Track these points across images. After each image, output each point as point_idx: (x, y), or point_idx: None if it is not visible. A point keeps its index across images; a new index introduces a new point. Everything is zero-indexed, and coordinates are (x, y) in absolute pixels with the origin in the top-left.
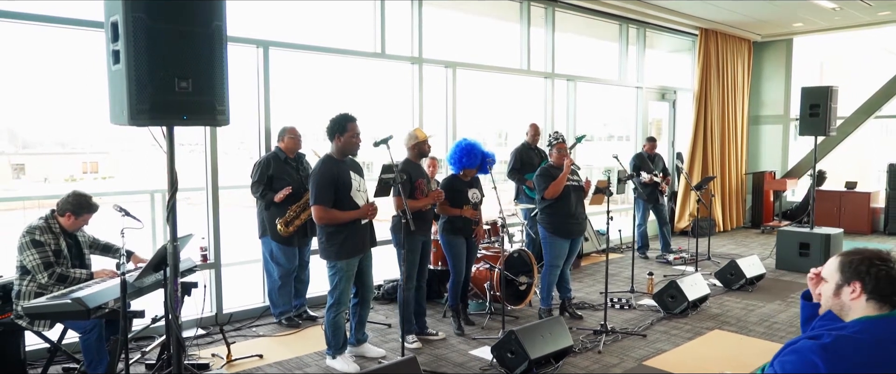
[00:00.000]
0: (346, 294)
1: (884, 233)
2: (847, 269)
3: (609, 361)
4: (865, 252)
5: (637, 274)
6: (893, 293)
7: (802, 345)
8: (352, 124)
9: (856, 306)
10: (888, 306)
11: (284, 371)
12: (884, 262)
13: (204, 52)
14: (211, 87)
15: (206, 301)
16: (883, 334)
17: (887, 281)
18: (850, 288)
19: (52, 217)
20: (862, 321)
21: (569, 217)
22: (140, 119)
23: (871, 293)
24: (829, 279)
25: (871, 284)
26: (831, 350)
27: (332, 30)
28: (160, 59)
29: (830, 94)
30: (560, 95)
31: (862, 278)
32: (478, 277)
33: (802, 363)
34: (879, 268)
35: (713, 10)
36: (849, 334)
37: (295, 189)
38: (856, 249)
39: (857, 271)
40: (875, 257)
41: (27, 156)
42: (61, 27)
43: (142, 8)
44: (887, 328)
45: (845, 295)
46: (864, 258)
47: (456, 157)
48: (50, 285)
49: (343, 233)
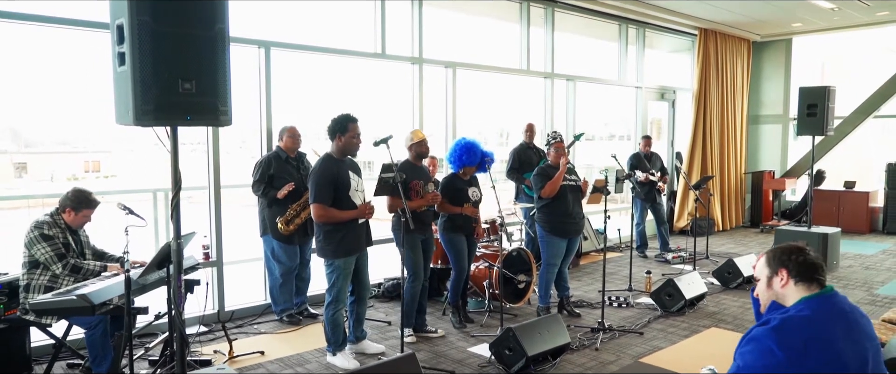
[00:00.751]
0: (344, 292)
1: (882, 232)
2: (772, 261)
3: (606, 358)
4: (783, 245)
5: (635, 273)
6: (816, 273)
7: (757, 333)
8: (353, 125)
9: (788, 291)
10: (816, 285)
11: (285, 367)
12: (800, 251)
13: (207, 54)
14: (214, 88)
15: (208, 299)
16: (823, 308)
17: (806, 264)
18: (779, 277)
19: (57, 214)
20: (800, 301)
21: (566, 216)
22: (145, 119)
23: (797, 276)
24: (760, 275)
25: (794, 268)
26: (781, 331)
27: (332, 30)
28: (164, 60)
29: (828, 94)
30: (559, 94)
31: (785, 265)
32: (477, 275)
33: (760, 350)
34: (797, 255)
35: (712, 11)
36: (793, 313)
37: (296, 187)
38: (776, 245)
39: (780, 260)
40: (793, 247)
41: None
42: (63, 28)
43: (146, 11)
44: (823, 303)
45: (776, 284)
46: (783, 250)
47: (455, 155)
48: (63, 276)
49: (340, 232)
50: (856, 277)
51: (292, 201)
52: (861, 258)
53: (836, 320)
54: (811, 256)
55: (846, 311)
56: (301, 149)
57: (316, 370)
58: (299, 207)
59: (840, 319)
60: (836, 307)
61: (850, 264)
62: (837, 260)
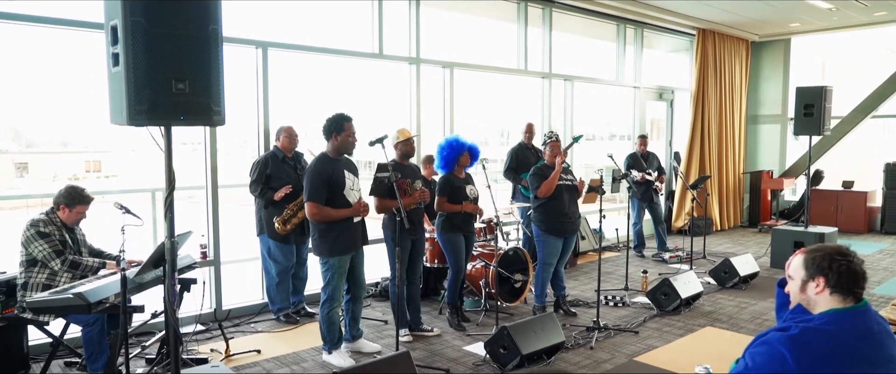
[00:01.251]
0: (339, 291)
1: (880, 232)
2: (811, 265)
3: (600, 357)
4: (827, 248)
5: (632, 272)
6: (855, 286)
7: (771, 337)
8: (348, 124)
9: (821, 299)
10: (852, 298)
11: (281, 366)
12: (844, 257)
13: (200, 54)
14: (207, 88)
15: (205, 298)
16: (847, 325)
17: (848, 275)
18: (815, 283)
19: (52, 212)
20: (828, 313)
21: (562, 216)
22: (138, 119)
23: (835, 287)
24: (794, 276)
25: (833, 278)
26: (798, 342)
27: (330, 30)
28: (158, 61)
29: (825, 94)
30: (557, 94)
31: (825, 274)
32: (474, 274)
33: (771, 355)
34: (840, 263)
35: (710, 11)
36: (815, 326)
37: (293, 188)
38: (819, 245)
39: (820, 266)
40: (836, 252)
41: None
42: (65, 29)
43: (140, 12)
44: (852, 319)
45: (810, 290)
46: (827, 254)
47: (442, 155)
48: (62, 272)
49: (335, 230)
50: None
51: (289, 200)
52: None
53: (861, 339)
54: (855, 265)
55: (874, 331)
56: (298, 149)
57: (311, 368)
58: (296, 206)
59: (866, 339)
60: (865, 326)
61: None
62: None
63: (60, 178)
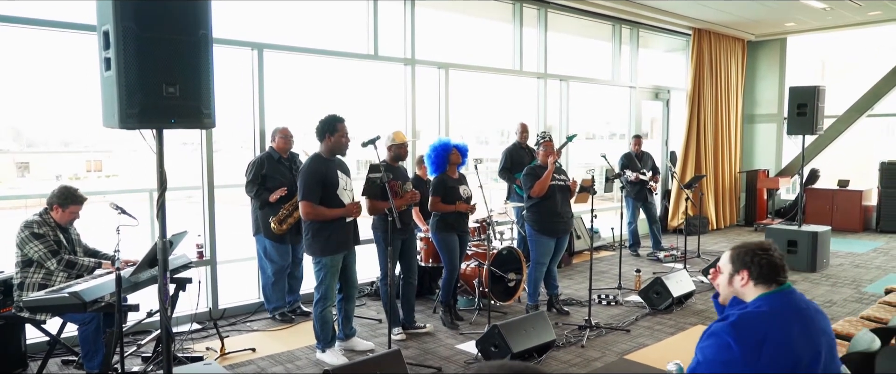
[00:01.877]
0: (332, 289)
1: (876, 230)
2: (736, 260)
3: (591, 355)
4: (750, 244)
5: (626, 271)
6: (777, 276)
7: (716, 328)
8: (341, 125)
9: (747, 290)
10: (775, 284)
11: (275, 364)
12: (765, 251)
13: (191, 58)
14: (198, 91)
15: (200, 297)
16: (779, 303)
17: (769, 267)
18: (740, 276)
19: (45, 212)
20: (759, 297)
21: (554, 216)
22: (130, 123)
23: (757, 279)
24: (723, 270)
25: (755, 271)
26: (738, 326)
27: (325, 32)
28: (149, 65)
29: (818, 93)
30: (553, 95)
31: (748, 267)
32: (468, 274)
33: (718, 345)
34: (761, 257)
35: (705, 11)
36: (751, 309)
37: (288, 189)
38: (743, 242)
39: (743, 260)
40: (758, 247)
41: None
42: (66, 31)
43: (131, 18)
44: (780, 299)
45: (737, 283)
46: (749, 250)
47: (432, 158)
48: (57, 271)
49: (328, 230)
50: (845, 275)
51: (285, 201)
52: (852, 257)
53: (792, 315)
54: (775, 257)
55: (802, 307)
56: (293, 150)
57: (305, 366)
58: (292, 206)
59: (796, 315)
60: (793, 304)
61: (840, 263)
62: (827, 258)
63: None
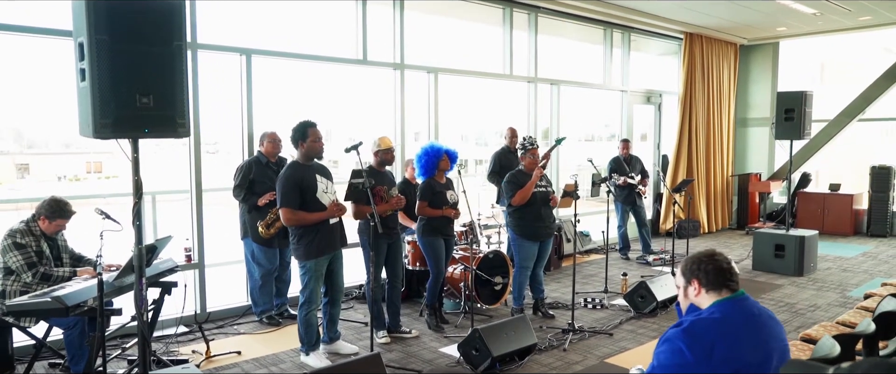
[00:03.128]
0: (316, 293)
1: (866, 234)
2: (685, 271)
3: (572, 358)
4: (695, 255)
5: (613, 275)
6: (727, 280)
7: (669, 334)
8: (312, 130)
9: (702, 299)
10: (727, 291)
11: (260, 367)
12: (710, 258)
13: (165, 69)
14: (172, 101)
15: (186, 300)
16: (732, 310)
17: (715, 274)
18: (692, 287)
19: (32, 221)
20: (713, 304)
21: (537, 221)
22: (104, 133)
23: (708, 286)
24: (679, 284)
25: (704, 278)
26: (690, 332)
27: (314, 37)
28: (122, 76)
29: (805, 98)
30: (543, 98)
31: (697, 276)
32: (455, 277)
33: (671, 350)
34: (707, 264)
35: (696, 16)
36: (703, 316)
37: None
38: (691, 254)
39: (692, 270)
40: (703, 255)
41: (31, 156)
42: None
43: (105, 30)
44: (735, 305)
45: (691, 293)
46: (695, 260)
47: (422, 161)
48: (34, 284)
49: (312, 233)
50: (831, 279)
51: (273, 205)
52: (840, 261)
53: (743, 322)
54: (720, 263)
55: (754, 313)
56: (282, 154)
57: (289, 369)
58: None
59: (748, 321)
60: (745, 311)
61: (828, 267)
62: (815, 262)
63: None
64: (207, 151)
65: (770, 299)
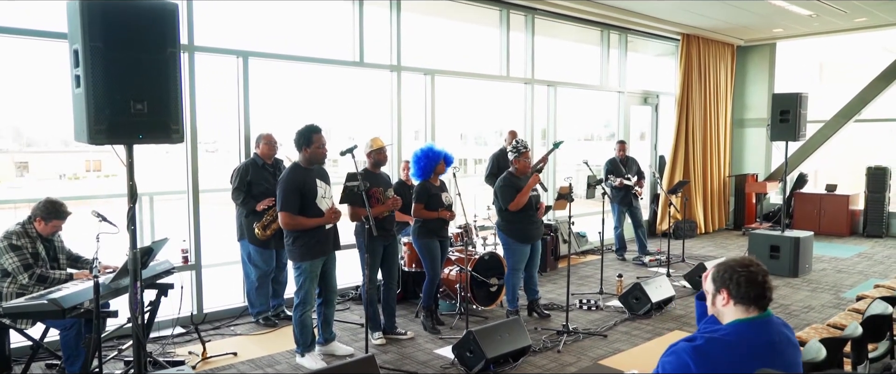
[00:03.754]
0: (311, 294)
1: (862, 235)
2: (716, 279)
3: (566, 360)
4: (730, 261)
5: (609, 276)
6: (758, 296)
7: (679, 347)
8: (317, 136)
9: (727, 311)
10: (755, 308)
11: (255, 368)
12: (744, 268)
13: (159, 76)
14: (166, 108)
15: (182, 301)
16: (750, 335)
17: (748, 285)
18: (721, 296)
19: (28, 222)
20: (734, 323)
21: (528, 223)
22: (98, 139)
23: (737, 298)
24: (708, 290)
25: (734, 290)
26: (701, 352)
27: (311, 39)
28: (117, 83)
29: (800, 100)
30: (540, 100)
31: (727, 286)
32: (452, 279)
33: (678, 364)
34: (740, 274)
35: (693, 17)
36: (719, 336)
37: (271, 191)
38: (725, 259)
39: (723, 279)
40: (737, 264)
41: (31, 154)
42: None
43: (99, 38)
44: (755, 329)
45: (719, 302)
46: (728, 267)
47: (419, 165)
48: (31, 285)
49: (308, 236)
50: (826, 280)
51: (270, 207)
52: (836, 261)
53: (759, 349)
54: (755, 274)
55: (774, 341)
56: (278, 155)
57: (284, 370)
58: (276, 212)
59: (765, 348)
60: (766, 336)
61: (823, 268)
62: (810, 264)
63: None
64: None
65: None
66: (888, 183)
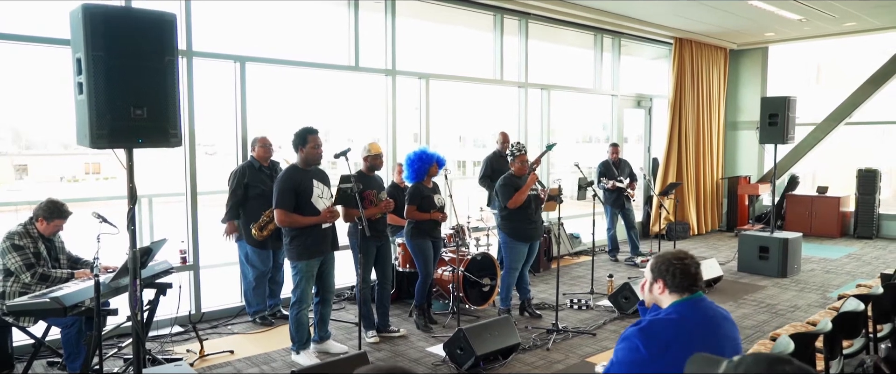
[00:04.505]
0: (307, 293)
1: (853, 236)
2: (654, 269)
3: (555, 357)
4: (668, 254)
5: (600, 276)
6: (690, 285)
7: (627, 332)
8: (313, 137)
9: (664, 298)
10: (687, 293)
11: (251, 366)
12: (679, 260)
13: (158, 83)
14: (165, 113)
15: (180, 301)
16: (687, 313)
17: (682, 276)
18: (657, 285)
19: (30, 223)
20: (673, 304)
21: (528, 223)
22: (100, 143)
23: (672, 287)
24: (646, 278)
25: (670, 280)
26: (646, 331)
27: (308, 44)
28: (117, 90)
29: (788, 104)
30: (534, 103)
31: (664, 277)
32: (444, 279)
33: (629, 348)
34: (675, 266)
35: (685, 22)
36: (661, 316)
37: (268, 193)
38: (663, 252)
39: (660, 270)
40: (673, 257)
41: (30, 157)
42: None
43: (101, 47)
44: (691, 307)
45: (656, 291)
46: (665, 260)
47: (413, 167)
48: (33, 284)
49: (305, 235)
50: (814, 280)
51: (265, 208)
52: (825, 262)
53: (699, 323)
54: (689, 267)
55: (709, 315)
56: (275, 158)
57: (280, 368)
58: (272, 213)
59: (703, 322)
60: (700, 311)
61: (812, 268)
62: (798, 264)
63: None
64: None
65: (752, 301)
66: (878, 185)
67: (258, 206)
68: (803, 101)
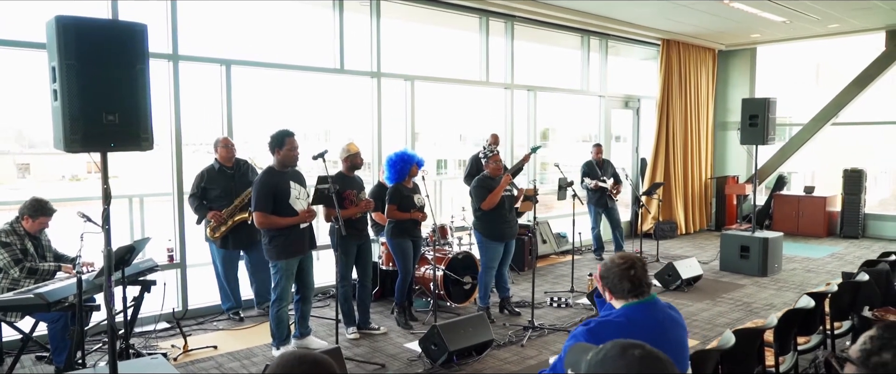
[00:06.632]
0: (287, 291)
1: (839, 236)
2: (601, 277)
3: (528, 354)
4: (612, 262)
5: (581, 275)
6: (632, 289)
7: (575, 331)
8: (289, 139)
9: (615, 302)
10: (634, 297)
11: (233, 360)
12: (618, 266)
13: (129, 90)
14: (136, 118)
15: (165, 297)
16: (637, 317)
17: (627, 283)
18: (606, 292)
19: (16, 221)
20: (624, 307)
21: (503, 223)
22: (73, 147)
23: (615, 292)
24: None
25: (611, 286)
26: (593, 332)
27: (292, 47)
28: (90, 97)
29: (768, 105)
30: (520, 104)
31: (608, 284)
32: (426, 277)
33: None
34: (619, 274)
35: (671, 23)
36: (610, 319)
37: (227, 195)
38: (609, 257)
39: (603, 277)
40: (614, 264)
41: (32, 156)
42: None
43: (74, 56)
44: (641, 311)
45: (606, 295)
46: (607, 267)
47: (395, 168)
48: (22, 279)
49: (283, 236)
50: (794, 279)
51: (219, 208)
52: (807, 262)
53: (647, 327)
54: (628, 271)
55: (660, 319)
56: (240, 156)
57: (261, 362)
58: (227, 214)
59: (652, 327)
60: (651, 316)
61: (794, 268)
62: (779, 263)
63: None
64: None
65: (730, 299)
66: (864, 185)
67: (217, 208)
68: (803, 101)
